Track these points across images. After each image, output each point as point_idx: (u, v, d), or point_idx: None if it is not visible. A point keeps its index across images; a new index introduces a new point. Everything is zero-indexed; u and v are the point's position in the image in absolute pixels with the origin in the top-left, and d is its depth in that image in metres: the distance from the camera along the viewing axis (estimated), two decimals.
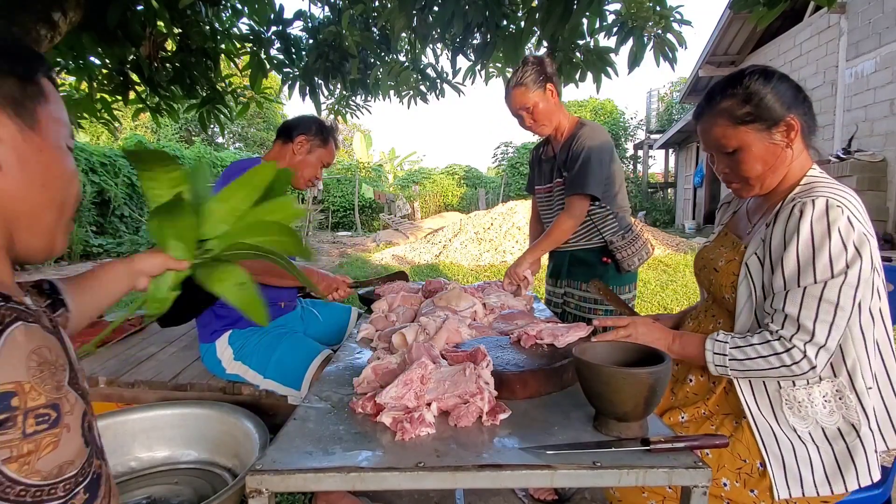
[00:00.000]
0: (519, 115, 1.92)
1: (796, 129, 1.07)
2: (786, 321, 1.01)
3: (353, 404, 1.00)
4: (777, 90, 1.07)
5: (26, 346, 0.49)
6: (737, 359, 1.05)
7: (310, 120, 1.99)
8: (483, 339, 1.32)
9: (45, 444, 0.48)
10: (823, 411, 1.05)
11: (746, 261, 1.12)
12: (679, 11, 2.44)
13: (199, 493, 1.49)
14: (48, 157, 0.60)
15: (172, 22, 2.95)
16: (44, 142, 0.60)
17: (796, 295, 1.00)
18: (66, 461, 0.50)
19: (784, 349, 1.00)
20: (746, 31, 9.87)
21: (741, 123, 1.08)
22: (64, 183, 0.63)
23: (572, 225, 1.90)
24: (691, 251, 8.35)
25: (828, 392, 1.06)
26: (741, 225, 1.26)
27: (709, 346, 1.10)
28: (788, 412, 1.07)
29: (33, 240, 0.61)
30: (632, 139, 20.54)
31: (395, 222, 14.16)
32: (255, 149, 21.34)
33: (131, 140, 11.49)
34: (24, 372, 0.48)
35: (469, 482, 0.79)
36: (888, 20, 6.64)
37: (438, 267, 7.52)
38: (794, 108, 1.07)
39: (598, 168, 1.84)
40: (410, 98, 3.63)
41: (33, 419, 0.47)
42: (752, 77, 1.08)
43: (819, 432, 1.05)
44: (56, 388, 0.51)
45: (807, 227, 0.99)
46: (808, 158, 1.13)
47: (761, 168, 1.10)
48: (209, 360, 1.84)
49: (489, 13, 2.70)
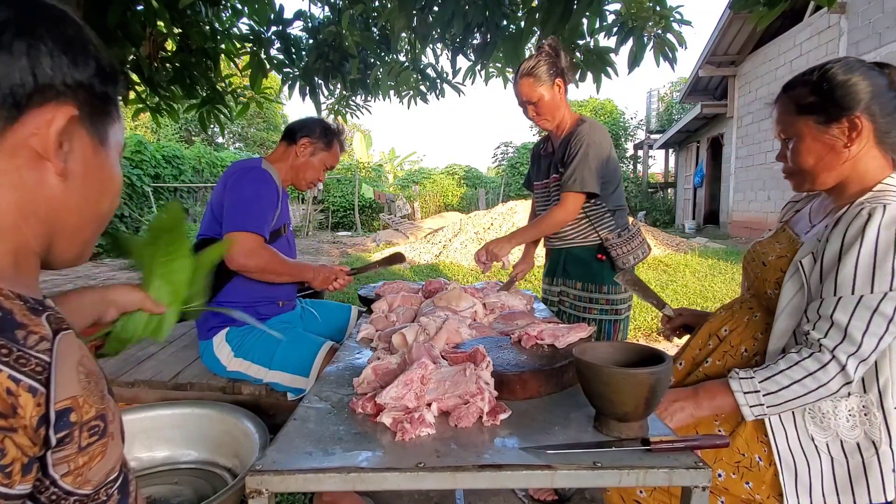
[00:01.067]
0: (524, 105, 1.91)
1: (860, 129, 0.99)
2: (831, 329, 0.96)
3: (353, 404, 0.99)
4: (855, 83, 0.98)
5: (73, 356, 0.49)
6: (771, 392, 0.99)
7: (314, 122, 2.00)
8: (483, 339, 1.31)
9: (96, 455, 0.49)
10: (846, 425, 1.02)
11: (801, 259, 1.06)
12: (679, 11, 2.45)
13: (199, 493, 1.49)
14: (108, 174, 0.60)
15: (172, 22, 2.95)
16: (108, 160, 0.60)
17: (849, 303, 0.95)
18: (111, 468, 0.51)
19: (820, 366, 0.96)
20: (746, 31, 9.88)
21: (800, 112, 1.03)
22: (113, 199, 0.63)
23: (563, 219, 1.89)
24: (691, 251, 8.35)
25: (854, 407, 1.02)
26: (801, 223, 1.21)
27: (735, 386, 1.02)
28: (810, 421, 1.04)
29: (70, 249, 0.60)
30: (632, 139, 20.56)
31: (395, 222, 14.16)
32: (255, 149, 21.35)
33: (131, 140, 11.48)
34: (77, 385, 0.48)
35: (469, 482, 0.79)
36: (888, 20, 6.64)
37: (438, 267, 7.52)
38: (870, 106, 0.99)
39: (596, 165, 1.84)
40: (410, 98, 3.63)
41: (87, 432, 0.48)
42: (836, 64, 1.00)
43: (837, 445, 1.02)
44: (101, 397, 0.51)
45: (873, 232, 0.93)
46: (887, 166, 1.04)
47: (813, 161, 1.04)
48: (208, 358, 1.84)
49: (489, 13, 2.71)
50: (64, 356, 0.48)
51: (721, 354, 1.22)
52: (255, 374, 1.78)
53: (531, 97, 1.85)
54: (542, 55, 1.82)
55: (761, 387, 1.00)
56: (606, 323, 1.96)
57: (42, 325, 0.47)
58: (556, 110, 1.90)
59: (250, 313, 1.81)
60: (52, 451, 0.45)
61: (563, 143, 1.94)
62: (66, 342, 0.49)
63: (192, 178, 12.82)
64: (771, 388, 1.00)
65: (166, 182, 11.89)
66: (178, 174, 12.28)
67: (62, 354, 0.47)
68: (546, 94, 1.84)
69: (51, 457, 0.45)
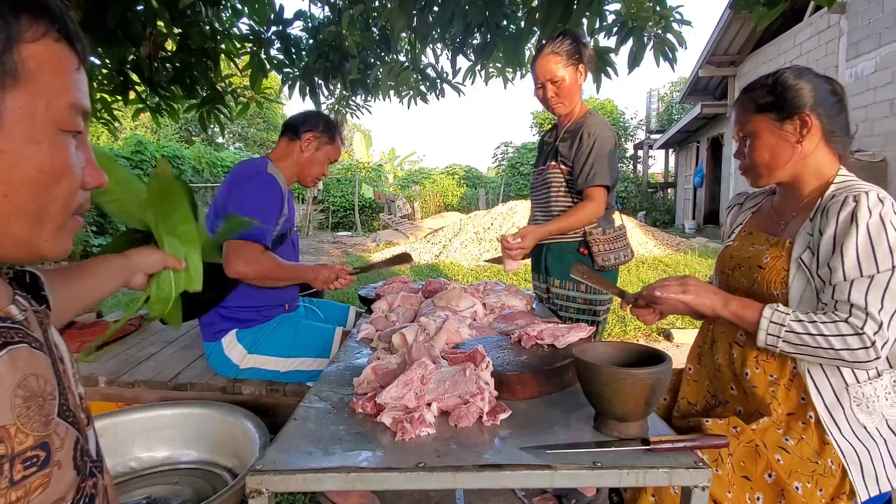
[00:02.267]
0: (542, 84, 1.85)
1: (810, 127, 1.10)
2: (853, 310, 0.99)
3: (353, 404, 0.99)
4: (804, 86, 1.10)
5: (11, 379, 0.43)
6: (795, 332, 1.01)
7: (316, 116, 1.98)
8: (483, 339, 1.31)
9: (35, 487, 0.43)
10: (886, 403, 1.07)
11: (800, 256, 1.11)
12: (679, 11, 2.44)
13: (199, 493, 1.49)
14: (14, 157, 0.46)
15: (172, 22, 2.95)
16: (7, 139, 0.45)
17: (862, 284, 0.99)
18: (58, 498, 0.46)
19: (854, 332, 0.98)
20: (746, 31, 9.87)
21: (758, 110, 1.13)
22: (45, 187, 0.48)
23: (595, 214, 1.82)
24: (691, 251, 8.35)
25: (888, 384, 1.08)
26: (768, 223, 1.26)
27: (767, 313, 1.05)
28: (857, 410, 1.07)
29: (4, 252, 0.49)
30: (632, 139, 20.55)
31: (395, 222, 14.16)
32: (255, 149, 21.34)
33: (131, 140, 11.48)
34: (9, 413, 0.42)
35: (469, 482, 0.79)
36: (888, 20, 6.64)
37: (438, 267, 7.51)
38: (817, 107, 1.10)
39: (609, 160, 1.82)
40: (410, 98, 3.63)
41: (20, 465, 0.42)
42: (788, 70, 1.13)
43: (884, 425, 1.07)
44: (45, 424, 0.45)
45: (864, 217, 1.00)
46: (835, 161, 1.15)
47: (768, 157, 1.14)
48: (216, 360, 1.84)
49: (489, 13, 2.70)
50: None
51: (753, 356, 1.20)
52: (274, 366, 1.79)
53: (554, 74, 1.80)
54: (568, 38, 1.80)
55: (789, 323, 1.02)
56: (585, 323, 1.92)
57: None
58: (573, 95, 1.86)
59: (256, 316, 1.83)
60: None
61: (567, 132, 1.90)
62: (6, 361, 0.44)
63: (193, 178, 12.81)
64: (797, 329, 1.01)
65: None
66: (177, 174, 12.25)
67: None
68: (568, 77, 1.81)
69: None
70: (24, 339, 0.47)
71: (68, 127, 0.50)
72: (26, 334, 0.48)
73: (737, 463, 1.06)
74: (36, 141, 0.47)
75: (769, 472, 1.05)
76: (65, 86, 0.49)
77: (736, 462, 1.06)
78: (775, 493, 1.04)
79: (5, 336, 0.45)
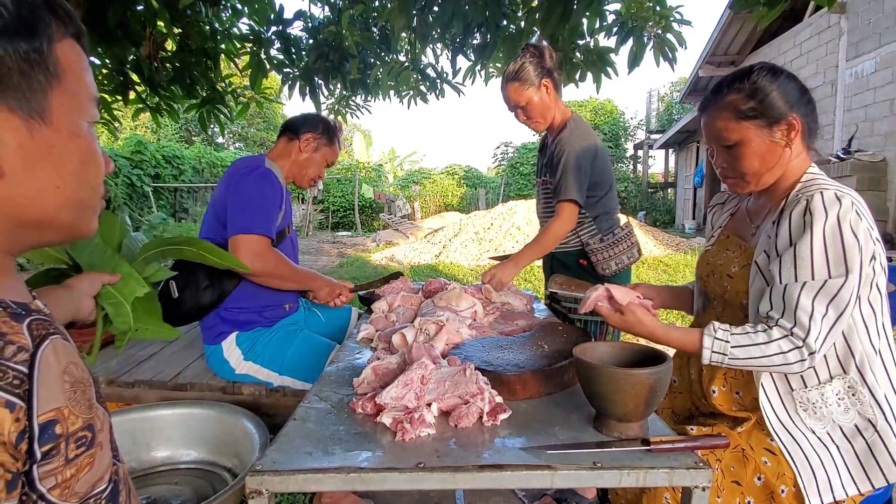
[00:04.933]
0: (513, 110, 1.88)
1: (797, 130, 1.08)
2: (794, 313, 0.98)
3: (353, 404, 0.99)
4: (783, 89, 1.07)
5: (58, 365, 0.47)
6: (737, 357, 1.01)
7: (316, 118, 1.98)
8: (483, 339, 1.31)
9: (84, 466, 0.47)
10: (838, 409, 1.05)
11: (756, 259, 1.10)
12: (679, 11, 2.45)
13: (199, 493, 1.49)
14: (62, 151, 0.50)
15: (172, 22, 2.96)
16: (56, 134, 0.49)
17: (811, 289, 0.98)
18: (99, 478, 0.49)
19: (791, 346, 0.97)
20: (746, 31, 9.87)
21: (743, 118, 1.08)
22: (85, 176, 0.53)
23: (562, 230, 1.85)
24: (691, 251, 8.35)
25: (840, 390, 1.05)
26: (742, 227, 1.25)
27: (707, 343, 1.03)
28: (804, 414, 1.06)
29: (50, 238, 0.54)
30: (632, 139, 20.52)
31: (395, 222, 14.15)
32: (255, 148, 21.34)
33: (131, 140, 11.48)
34: (62, 396, 0.46)
35: (469, 482, 0.79)
36: (888, 20, 6.64)
37: (438, 267, 7.51)
38: (797, 108, 1.08)
39: (578, 173, 1.79)
40: (410, 98, 3.63)
41: (74, 444, 0.46)
42: (760, 73, 1.08)
43: (837, 432, 1.05)
44: (89, 406, 0.49)
45: (820, 217, 0.98)
46: (807, 159, 1.14)
47: (758, 164, 1.10)
48: (215, 362, 1.83)
49: (489, 13, 2.70)
50: (47, 366, 0.45)
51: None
52: (266, 378, 1.79)
53: (518, 101, 1.82)
54: (526, 57, 1.79)
55: (731, 352, 1.01)
56: (592, 324, 1.94)
57: (22, 333, 0.45)
58: (546, 111, 1.87)
59: (257, 318, 1.82)
60: (38, 465, 0.43)
61: (550, 145, 1.93)
62: (51, 350, 0.46)
63: (192, 178, 12.82)
64: (739, 355, 1.01)
65: (166, 182, 11.89)
66: (178, 174, 12.29)
67: (45, 364, 0.45)
68: (534, 97, 1.81)
69: (37, 471, 0.43)
70: (58, 331, 0.50)
71: (93, 118, 0.55)
72: (56, 327, 0.51)
73: (726, 468, 1.06)
74: (76, 134, 0.52)
75: (758, 475, 1.05)
76: (87, 80, 0.53)
77: (725, 467, 1.06)
78: (765, 496, 1.04)
79: (46, 327, 0.48)
